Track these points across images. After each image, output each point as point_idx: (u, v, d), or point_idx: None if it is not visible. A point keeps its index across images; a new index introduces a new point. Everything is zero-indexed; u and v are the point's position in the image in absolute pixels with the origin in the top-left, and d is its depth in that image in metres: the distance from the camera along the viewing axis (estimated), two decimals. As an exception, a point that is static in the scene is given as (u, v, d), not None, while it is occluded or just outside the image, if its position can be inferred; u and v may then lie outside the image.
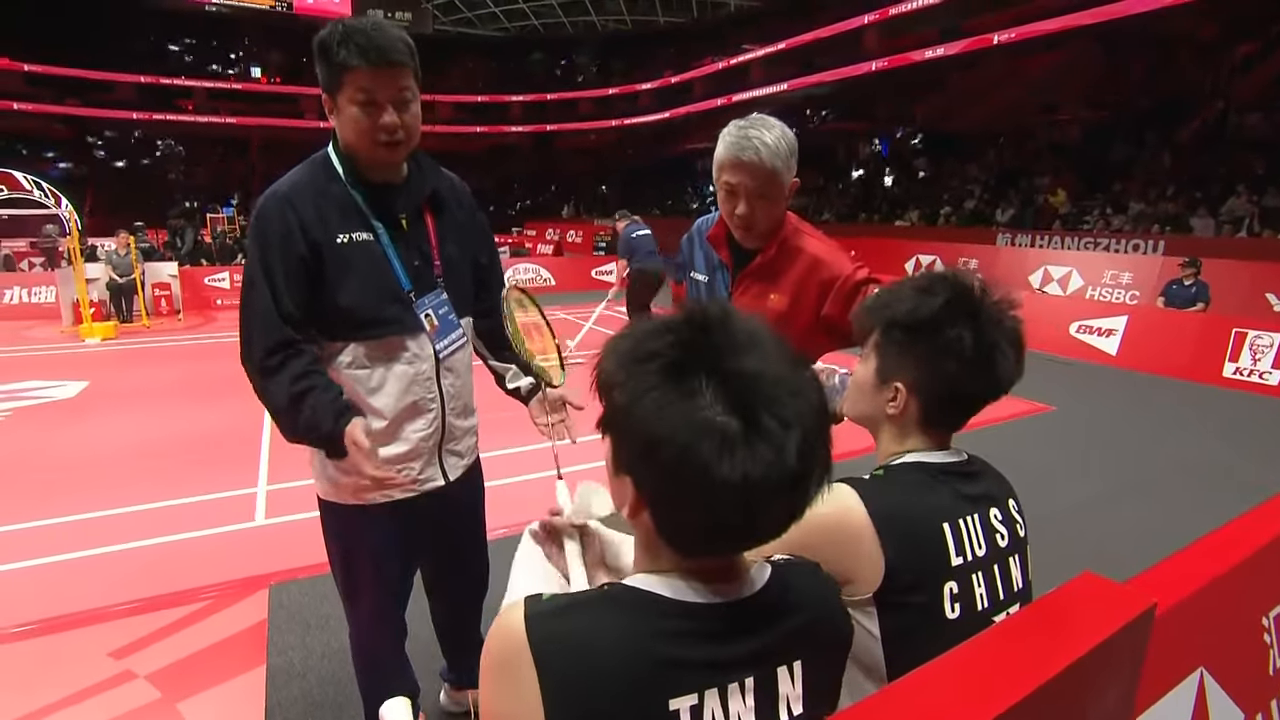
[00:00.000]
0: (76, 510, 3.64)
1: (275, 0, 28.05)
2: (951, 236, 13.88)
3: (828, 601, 0.77)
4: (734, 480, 0.60)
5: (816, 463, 0.64)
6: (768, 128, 1.57)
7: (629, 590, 0.69)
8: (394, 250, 1.47)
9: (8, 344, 8.36)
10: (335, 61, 1.33)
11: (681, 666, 0.65)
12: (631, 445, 0.65)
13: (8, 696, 2.26)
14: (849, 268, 1.68)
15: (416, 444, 1.56)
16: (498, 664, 0.67)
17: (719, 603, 0.68)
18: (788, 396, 0.63)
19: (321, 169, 1.45)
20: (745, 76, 25.22)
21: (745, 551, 0.71)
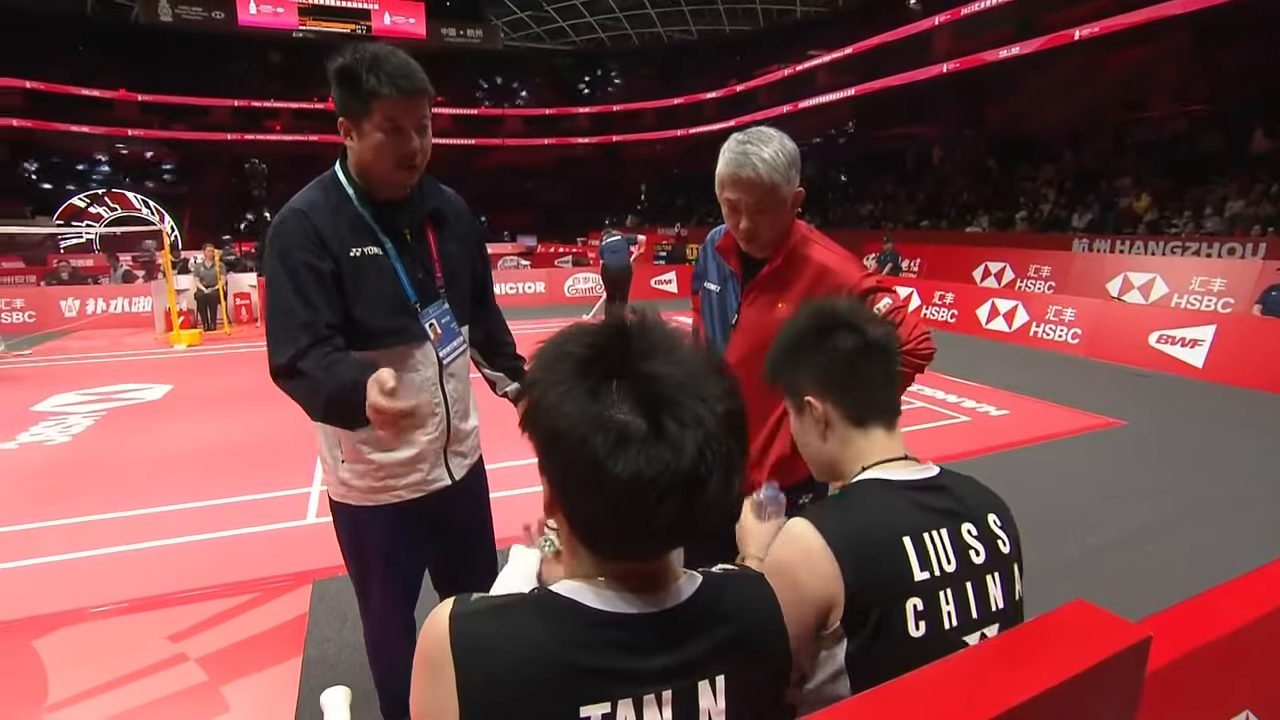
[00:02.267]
0: (153, 504, 3.92)
1: (356, 24, 29.57)
2: (1023, 243, 13.24)
3: (762, 614, 0.77)
4: (624, 476, 0.61)
5: (719, 467, 0.64)
6: (765, 142, 1.57)
7: (552, 596, 0.70)
8: (400, 263, 1.53)
9: (110, 349, 9.08)
10: (364, 89, 1.37)
11: (596, 674, 0.66)
12: (540, 440, 0.67)
13: (85, 669, 2.46)
14: (857, 275, 1.68)
15: (424, 447, 1.62)
16: (423, 660, 0.69)
17: (640, 613, 0.69)
18: (692, 400, 0.64)
19: (331, 188, 1.51)
20: (811, 83, 24.89)
21: (656, 558, 0.71)
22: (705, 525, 0.67)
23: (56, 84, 25.70)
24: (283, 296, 1.41)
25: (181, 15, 27.67)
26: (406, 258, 1.55)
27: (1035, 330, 8.72)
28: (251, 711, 2.26)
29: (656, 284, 14.18)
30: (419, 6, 30.25)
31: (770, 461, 1.70)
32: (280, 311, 1.41)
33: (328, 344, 1.41)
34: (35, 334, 10.26)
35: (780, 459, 1.68)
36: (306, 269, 1.42)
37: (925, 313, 10.49)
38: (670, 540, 0.68)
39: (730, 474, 0.66)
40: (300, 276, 1.41)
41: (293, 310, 1.40)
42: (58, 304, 11.24)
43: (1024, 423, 5.43)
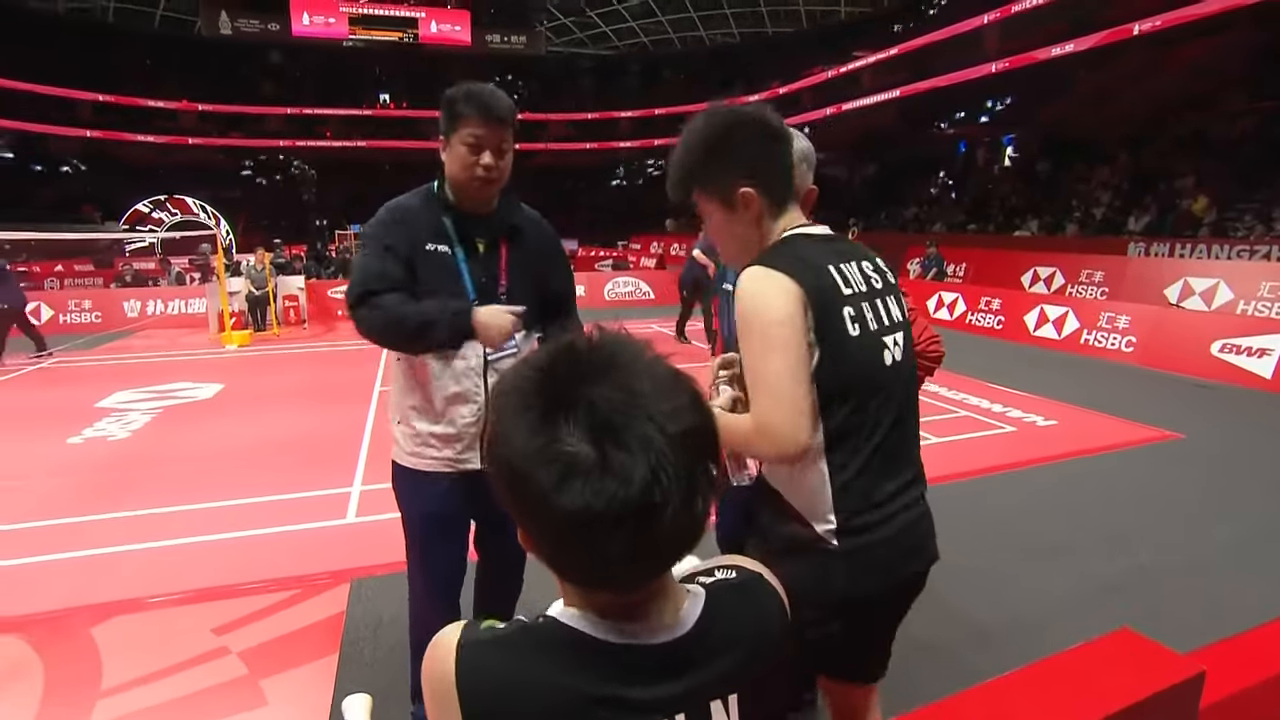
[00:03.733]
0: (202, 500, 4.06)
1: (404, 33, 30.29)
2: (1075, 247, 12.79)
3: (765, 631, 0.74)
4: (572, 509, 0.58)
5: (675, 492, 0.60)
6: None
7: (559, 625, 0.68)
8: (466, 266, 1.79)
9: (166, 349, 9.45)
10: (456, 112, 1.71)
11: (605, 706, 0.64)
12: (495, 474, 0.65)
13: (136, 657, 2.56)
14: None
15: (461, 428, 1.81)
16: (430, 687, 0.68)
17: (644, 644, 0.67)
18: (640, 422, 0.60)
19: (426, 194, 1.84)
20: (856, 85, 24.55)
21: (632, 590, 0.67)
22: (669, 552, 0.65)
23: (125, 96, 26.95)
24: (364, 262, 1.77)
25: (240, 28, 28.78)
26: (473, 262, 1.81)
27: (1086, 338, 8.42)
28: (288, 707, 2.31)
29: (695, 288, 14.13)
30: (464, 14, 30.82)
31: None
32: (360, 270, 1.77)
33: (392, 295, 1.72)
34: (101, 333, 10.75)
35: None
36: (385, 248, 1.74)
37: (971, 319, 10.23)
38: (635, 571, 0.65)
39: (692, 497, 0.62)
40: (380, 252, 1.75)
41: (369, 268, 1.74)
42: (121, 305, 11.75)
43: (1074, 433, 5.23)
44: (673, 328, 9.60)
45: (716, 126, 1.26)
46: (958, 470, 4.44)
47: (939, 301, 10.93)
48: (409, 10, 30.30)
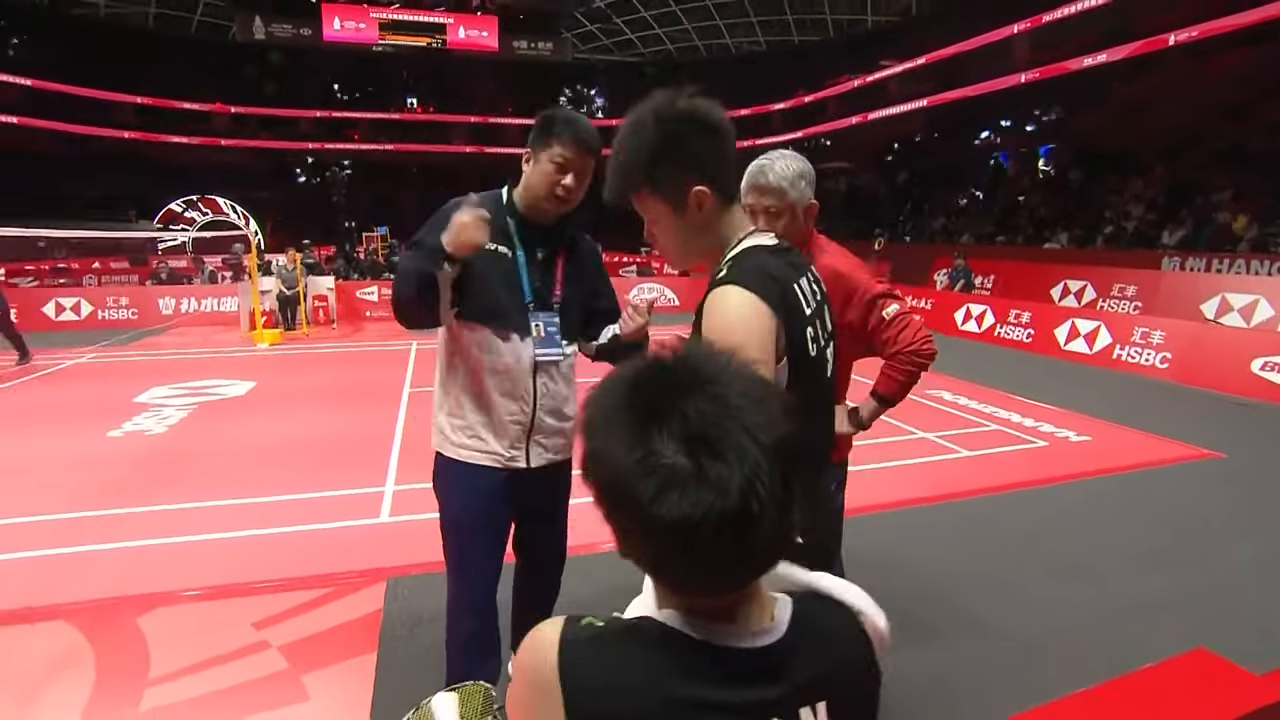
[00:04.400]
0: (237, 495, 4.14)
1: (432, 38, 30.68)
2: (1106, 260, 12.58)
3: (851, 643, 0.75)
4: (671, 520, 0.60)
5: (770, 503, 0.61)
6: (780, 158, 1.92)
7: (658, 626, 0.69)
8: (525, 270, 1.87)
9: (200, 346, 9.64)
10: (551, 131, 1.78)
11: (702, 707, 0.66)
12: (595, 486, 0.67)
13: (181, 648, 2.62)
14: (867, 281, 1.98)
15: (507, 424, 1.88)
16: (528, 685, 0.70)
17: (740, 647, 0.68)
18: (736, 433, 0.61)
19: (495, 197, 1.91)
20: (883, 93, 24.42)
21: (728, 594, 0.68)
22: (765, 559, 0.66)
23: (161, 99, 27.59)
24: (404, 256, 1.88)
25: (273, 33, 29.31)
26: (532, 268, 1.89)
27: (1119, 353, 8.28)
28: (330, 702, 2.35)
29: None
30: (492, 20, 31.14)
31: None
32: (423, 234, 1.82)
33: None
34: (137, 330, 10.98)
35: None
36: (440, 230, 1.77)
37: (999, 331, 10.12)
38: (732, 577, 0.67)
39: (787, 505, 0.63)
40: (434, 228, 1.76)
41: (404, 264, 1.81)
42: (156, 302, 12.01)
43: (1108, 450, 5.15)
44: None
45: (665, 123, 1.19)
46: (989, 484, 4.39)
47: (967, 313, 10.82)
48: (438, 16, 30.69)
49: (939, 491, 4.26)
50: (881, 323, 1.94)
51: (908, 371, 1.97)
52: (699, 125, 1.20)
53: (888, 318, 1.94)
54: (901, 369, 1.97)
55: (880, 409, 2.05)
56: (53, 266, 16.94)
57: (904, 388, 2.00)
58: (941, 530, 3.75)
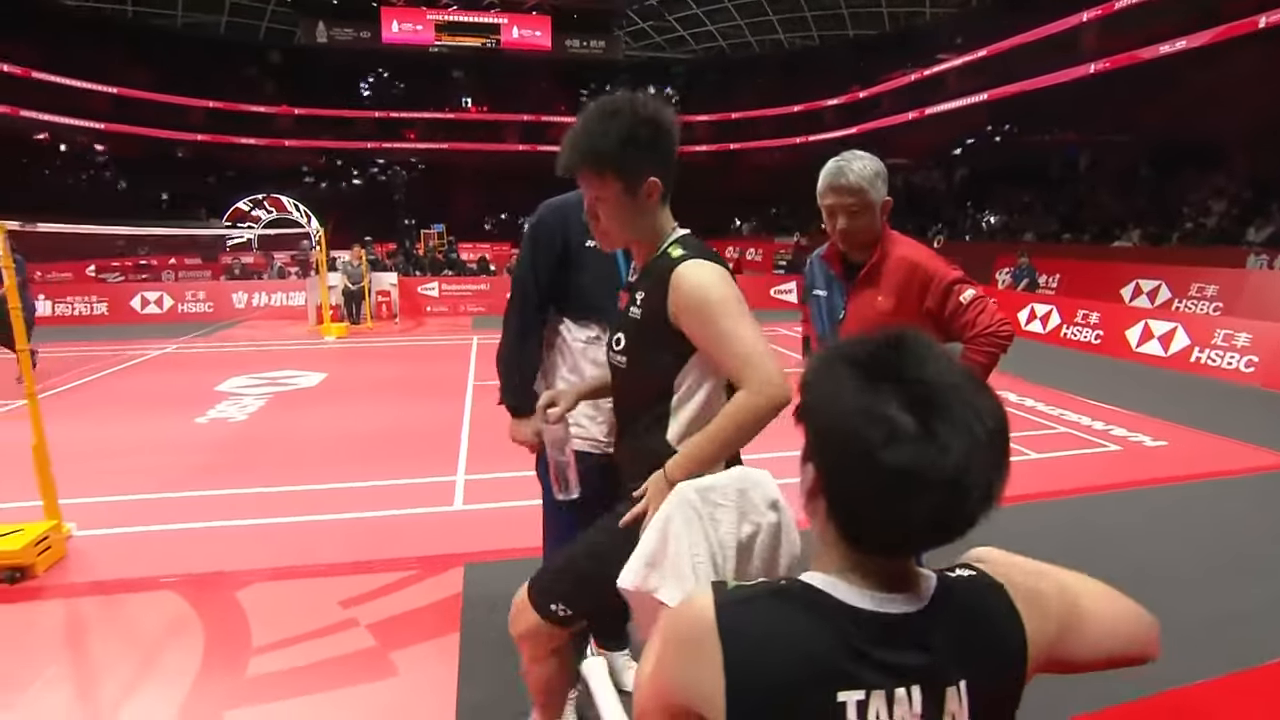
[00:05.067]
0: (316, 481, 4.34)
1: (486, 39, 31.23)
2: (1183, 258, 12.01)
3: (998, 632, 0.77)
4: (894, 466, 0.65)
5: (981, 481, 0.67)
6: (856, 158, 1.99)
7: (808, 588, 0.75)
8: (624, 262, 1.93)
9: (272, 339, 10.08)
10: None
11: (850, 665, 0.71)
12: (814, 432, 0.74)
13: (277, 622, 2.77)
14: (943, 268, 2.03)
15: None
16: (683, 640, 0.76)
17: (891, 612, 0.73)
18: (963, 408, 0.67)
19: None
20: (940, 88, 23.82)
21: (906, 555, 0.75)
22: (958, 529, 0.70)
23: (231, 102, 28.85)
24: (521, 264, 2.01)
25: (335, 36, 30.33)
26: (629, 259, 1.88)
27: (1198, 356, 7.92)
28: (418, 678, 2.46)
29: (776, 294, 13.99)
30: (545, 20, 31.51)
31: None
32: (515, 274, 2.03)
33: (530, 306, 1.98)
34: (214, 323, 11.55)
35: None
36: (541, 252, 1.96)
37: (1066, 332, 9.79)
38: (924, 537, 0.72)
39: (990, 489, 0.69)
40: (538, 256, 1.96)
41: (524, 276, 1.99)
42: (230, 296, 12.61)
43: (1186, 456, 4.96)
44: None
45: (641, 117, 1.35)
46: (1059, 488, 4.29)
47: (1031, 313, 10.50)
48: (492, 17, 31.22)
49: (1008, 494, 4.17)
50: (959, 307, 1.98)
51: (988, 353, 1.98)
52: (665, 127, 1.37)
53: (964, 302, 1.97)
54: (982, 350, 1.98)
55: None
56: (135, 263, 17.90)
57: (985, 371, 2.00)
58: (1013, 533, 3.68)
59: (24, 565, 2.96)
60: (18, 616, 2.80)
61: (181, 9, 28.08)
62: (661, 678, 0.80)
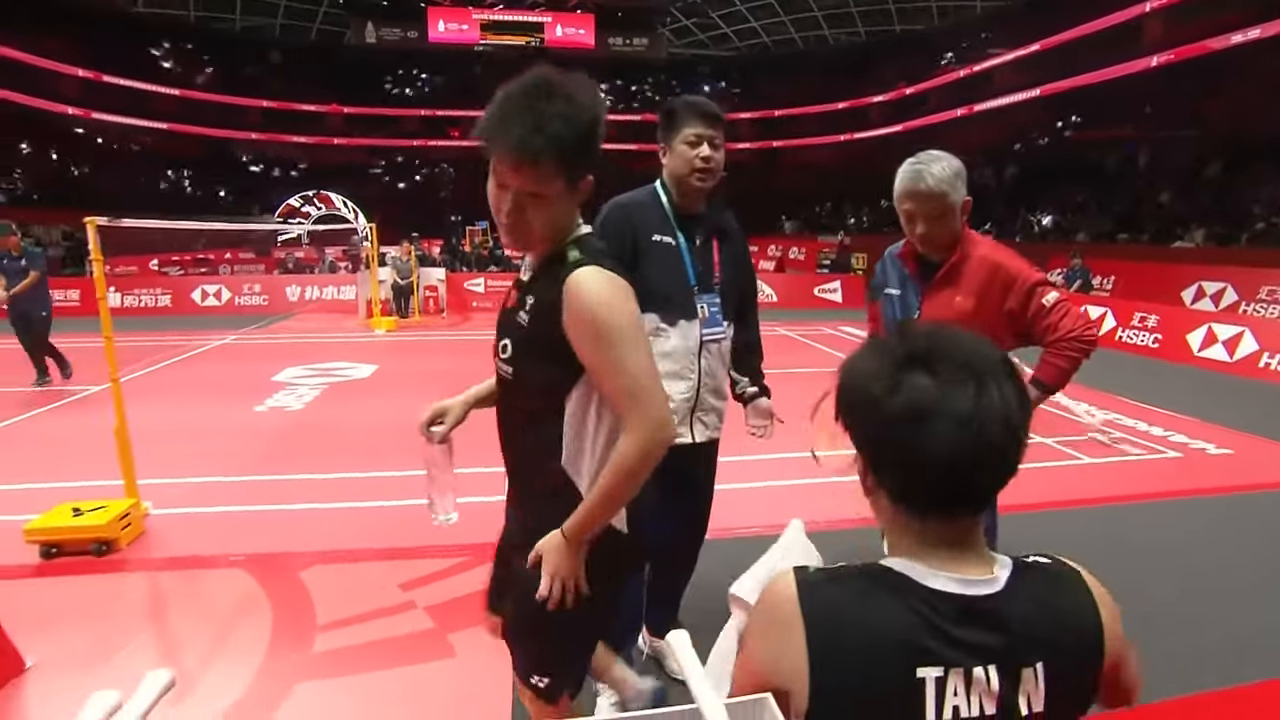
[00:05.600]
0: (370, 469, 4.49)
1: (530, 38, 31.56)
2: (1253, 260, 11.49)
3: (1078, 620, 0.79)
4: (901, 405, 0.73)
5: (1014, 440, 0.74)
6: (935, 161, 1.94)
7: (887, 570, 0.78)
8: (688, 256, 2.01)
9: (325, 331, 10.40)
10: (675, 119, 1.96)
11: (929, 643, 0.74)
12: (858, 409, 0.79)
13: (340, 602, 2.89)
14: (1026, 270, 1.99)
15: (678, 402, 2.00)
16: (769, 620, 0.80)
17: (964, 594, 0.76)
18: (998, 379, 0.75)
19: (650, 193, 2.05)
20: (989, 83, 23.25)
21: (961, 513, 0.78)
22: (997, 487, 0.77)
23: (284, 102, 29.78)
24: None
25: (383, 36, 31.03)
26: (693, 253, 2.03)
27: (1268, 361, 7.60)
28: (475, 660, 2.54)
29: (820, 293, 13.82)
30: (589, 18, 31.71)
31: None
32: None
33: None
34: (269, 315, 11.96)
35: None
36: (612, 246, 1.89)
37: (1121, 335, 9.49)
38: (970, 492, 0.77)
39: (1020, 449, 0.76)
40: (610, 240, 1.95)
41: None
42: (284, 290, 13.04)
43: (1252, 465, 4.78)
44: (795, 331, 9.53)
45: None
46: (1113, 494, 4.19)
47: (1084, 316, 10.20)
48: (536, 16, 31.54)
49: (1058, 498, 4.10)
50: (1042, 309, 1.94)
51: (1070, 358, 1.94)
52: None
53: (1048, 304, 1.93)
54: (1064, 355, 1.94)
55: (1041, 397, 2.00)
56: (194, 257, 18.62)
57: (1066, 375, 1.97)
58: (1060, 539, 3.61)
59: (110, 539, 3.16)
60: (107, 586, 2.99)
61: (240, 12, 29.08)
62: (751, 660, 0.84)
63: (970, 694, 0.74)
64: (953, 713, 0.73)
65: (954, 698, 0.73)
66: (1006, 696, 0.74)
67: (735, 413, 2.28)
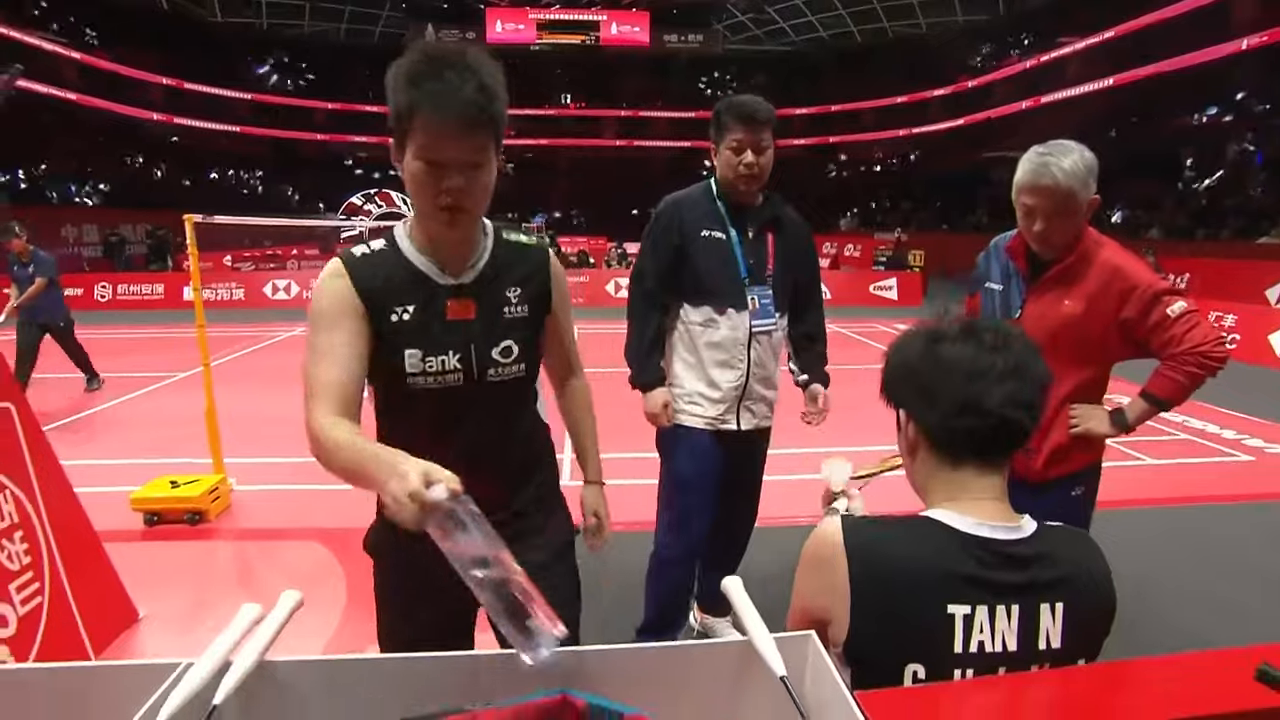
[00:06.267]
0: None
1: (586, 35, 31.89)
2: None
3: (1091, 570, 0.88)
4: (953, 358, 0.88)
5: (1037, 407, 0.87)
6: (1066, 153, 1.74)
7: (924, 519, 0.89)
8: (740, 249, 2.08)
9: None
10: (722, 123, 2.01)
11: (959, 581, 0.83)
12: (892, 380, 0.93)
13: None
14: (1150, 277, 1.79)
15: (726, 390, 2.10)
16: (815, 560, 0.90)
17: (992, 538, 0.85)
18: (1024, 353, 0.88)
19: (704, 189, 2.14)
20: (1060, 74, 22.38)
21: (994, 460, 0.90)
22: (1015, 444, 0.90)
23: (348, 103, 30.91)
24: (642, 255, 2.16)
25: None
26: (745, 246, 2.09)
27: (1353, 364, 7.20)
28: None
29: (876, 289, 13.61)
30: (644, 15, 31.82)
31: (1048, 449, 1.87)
32: (640, 259, 2.17)
33: (651, 299, 2.13)
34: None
35: (1056, 447, 1.87)
36: (661, 246, 2.11)
37: (1195, 335, 9.07)
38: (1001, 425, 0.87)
39: (1039, 414, 0.88)
40: (655, 248, 2.12)
41: (643, 266, 2.16)
42: (347, 284, 13.58)
43: (1332, 471, 4.57)
44: (850, 329, 9.46)
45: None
46: (1175, 495, 4.09)
47: (1155, 314, 9.79)
48: (592, 13, 31.84)
49: (1120, 497, 4.01)
50: (1165, 320, 1.75)
51: (1191, 374, 1.75)
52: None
53: (1173, 315, 1.74)
54: (1185, 369, 1.76)
55: (1152, 412, 1.86)
56: (264, 254, 19.55)
57: (1185, 391, 1.80)
58: (1123, 539, 3.55)
59: (201, 510, 3.45)
60: (201, 552, 3.28)
61: (308, 18, 30.30)
62: (802, 596, 0.95)
63: (995, 629, 0.82)
64: (978, 647, 0.82)
65: (980, 633, 0.82)
66: (1028, 633, 0.83)
67: (787, 404, 2.30)
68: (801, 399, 2.26)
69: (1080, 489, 1.91)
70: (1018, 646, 0.83)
